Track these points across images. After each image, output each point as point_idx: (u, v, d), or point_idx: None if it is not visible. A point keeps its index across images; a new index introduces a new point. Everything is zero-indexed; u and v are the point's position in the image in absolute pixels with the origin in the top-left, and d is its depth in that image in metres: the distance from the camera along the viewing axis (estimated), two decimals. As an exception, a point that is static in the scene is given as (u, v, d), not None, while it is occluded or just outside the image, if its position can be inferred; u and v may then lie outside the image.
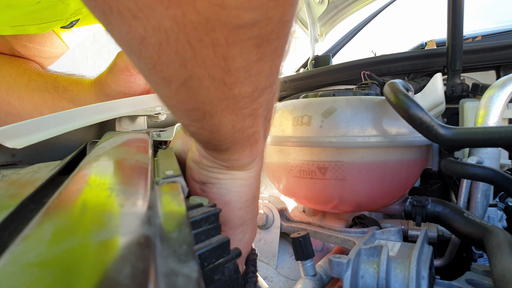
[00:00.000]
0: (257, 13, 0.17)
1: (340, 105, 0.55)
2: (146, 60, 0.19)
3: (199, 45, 0.17)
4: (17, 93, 0.66)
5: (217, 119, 0.23)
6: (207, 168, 0.31)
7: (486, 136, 0.42)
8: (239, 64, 0.19)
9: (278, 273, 0.62)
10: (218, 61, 0.18)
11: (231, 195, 0.31)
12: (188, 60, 0.18)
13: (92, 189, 0.19)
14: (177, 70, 0.19)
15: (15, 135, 0.31)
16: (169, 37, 0.17)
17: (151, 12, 0.16)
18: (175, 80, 0.20)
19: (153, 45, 0.17)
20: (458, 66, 0.81)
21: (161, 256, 0.14)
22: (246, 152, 0.28)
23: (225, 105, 0.22)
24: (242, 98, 0.22)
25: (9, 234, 0.17)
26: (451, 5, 0.80)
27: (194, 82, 0.20)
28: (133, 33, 0.17)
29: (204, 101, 0.21)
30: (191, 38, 0.17)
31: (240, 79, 0.20)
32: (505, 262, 0.35)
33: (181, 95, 0.21)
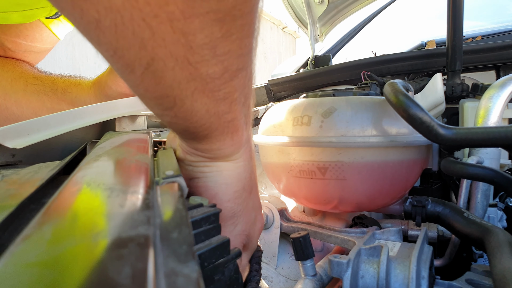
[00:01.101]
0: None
1: (340, 105, 0.55)
2: (106, 47, 0.18)
3: (155, 21, 0.17)
4: (15, 97, 0.65)
5: (189, 103, 0.22)
6: (192, 163, 0.30)
7: (486, 136, 0.42)
8: (201, 40, 0.18)
9: (278, 273, 0.62)
10: (177, 38, 0.18)
11: (218, 187, 0.31)
12: (147, 40, 0.18)
13: (92, 189, 0.19)
14: (138, 53, 0.18)
15: (15, 135, 0.31)
16: (123, 16, 0.16)
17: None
18: (138, 65, 0.19)
19: (109, 27, 0.17)
20: (458, 66, 0.82)
21: (161, 256, 0.14)
22: (227, 140, 0.28)
23: (194, 87, 0.21)
24: (212, 80, 0.21)
25: (9, 234, 0.17)
26: (451, 5, 0.80)
27: (157, 64, 0.19)
28: (87, 16, 0.16)
29: (172, 85, 0.21)
30: (146, 15, 0.16)
31: (205, 57, 0.20)
32: (505, 262, 0.35)
33: (147, 81, 0.20)
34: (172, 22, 0.17)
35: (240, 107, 0.26)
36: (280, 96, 1.15)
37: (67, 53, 3.54)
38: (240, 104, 0.26)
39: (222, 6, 0.17)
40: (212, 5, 0.17)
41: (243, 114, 0.27)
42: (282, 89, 1.13)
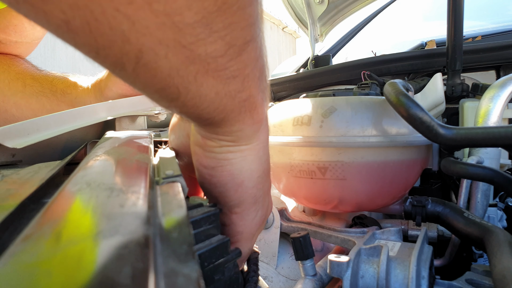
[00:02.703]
0: None
1: (340, 105, 0.55)
2: (86, 48, 0.17)
3: (130, 8, 0.15)
4: (13, 100, 0.65)
5: (194, 89, 0.20)
6: (214, 149, 0.28)
7: (486, 136, 0.42)
8: (191, 19, 0.16)
9: (278, 273, 0.62)
10: (162, 21, 0.16)
11: (244, 174, 0.29)
12: (128, 32, 0.16)
13: (92, 189, 0.19)
14: (123, 48, 0.16)
15: (15, 135, 0.31)
16: (93, 11, 0.15)
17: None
18: (127, 61, 0.17)
19: (81, 27, 0.15)
20: (458, 66, 0.82)
21: (161, 256, 0.14)
22: (246, 119, 0.26)
23: (196, 70, 0.19)
24: (214, 59, 0.19)
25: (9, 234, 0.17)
26: (451, 5, 0.80)
27: (147, 55, 0.17)
28: (53, 19, 0.15)
29: (170, 74, 0.19)
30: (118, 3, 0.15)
31: (200, 36, 0.17)
32: (505, 262, 0.35)
33: (142, 75, 0.19)
34: (150, 5, 0.15)
35: (255, 83, 0.24)
36: (280, 96, 1.15)
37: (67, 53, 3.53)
38: (255, 79, 0.24)
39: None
40: None
41: (260, 89, 0.25)
42: (282, 89, 1.13)
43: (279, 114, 0.60)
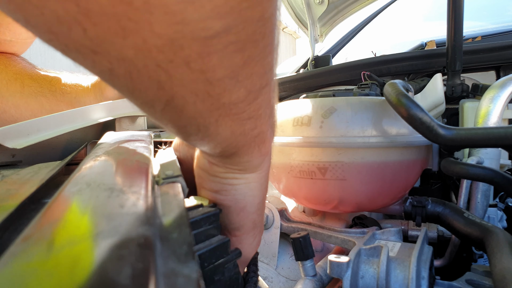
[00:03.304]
0: (229, 18, 0.15)
1: (340, 105, 0.55)
2: (122, 88, 0.18)
3: (170, 66, 0.16)
4: (12, 100, 0.64)
5: (213, 129, 0.22)
6: (219, 174, 0.29)
7: (486, 136, 0.42)
8: (222, 73, 0.18)
9: (278, 274, 0.62)
10: (196, 76, 0.17)
11: (246, 200, 0.30)
12: (164, 82, 0.17)
13: (92, 189, 0.19)
14: (156, 93, 0.18)
15: (15, 135, 0.31)
16: (137, 65, 0.16)
17: (110, 45, 0.15)
18: (157, 103, 0.19)
19: (123, 75, 0.16)
20: (458, 67, 0.82)
21: (161, 256, 0.14)
22: (255, 153, 0.27)
23: (218, 114, 0.21)
24: (235, 105, 0.21)
25: (9, 234, 0.17)
26: (451, 5, 0.80)
27: (177, 101, 0.19)
28: (99, 66, 0.16)
29: (194, 116, 0.20)
30: (160, 61, 0.16)
31: (227, 87, 0.19)
32: (505, 263, 0.35)
33: (168, 115, 0.20)
34: (189, 64, 0.16)
35: (265, 120, 0.25)
36: (280, 96, 1.15)
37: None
38: (266, 117, 0.25)
39: (242, 36, 0.17)
40: (230, 38, 0.16)
41: (269, 125, 0.27)
42: (282, 89, 1.13)
43: (279, 114, 0.59)
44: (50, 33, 0.15)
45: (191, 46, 0.16)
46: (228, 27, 0.16)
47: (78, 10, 0.13)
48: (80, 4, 0.13)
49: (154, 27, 0.14)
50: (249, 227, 0.31)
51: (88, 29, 0.14)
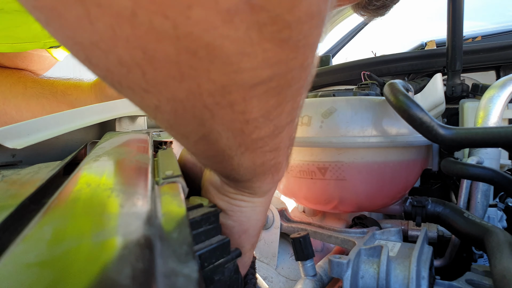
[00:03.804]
0: (275, 68, 0.16)
1: (340, 105, 0.55)
2: (162, 122, 0.19)
3: (216, 107, 0.17)
4: (14, 102, 0.65)
5: (237, 160, 0.23)
6: (229, 194, 0.29)
7: (486, 136, 0.42)
8: (257, 113, 0.19)
9: (278, 274, 0.62)
10: (236, 117, 0.18)
11: (250, 223, 0.31)
12: (206, 120, 0.18)
13: (92, 189, 0.19)
14: (195, 129, 0.19)
15: (15, 135, 0.31)
16: (185, 105, 0.17)
17: (164, 87, 0.15)
18: (193, 136, 0.20)
19: (169, 112, 0.17)
20: (458, 67, 0.82)
21: (161, 256, 0.14)
22: (267, 180, 0.28)
23: (245, 148, 0.22)
24: (261, 140, 0.22)
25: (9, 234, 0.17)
26: (451, 5, 0.80)
27: (213, 136, 0.20)
28: (147, 102, 0.17)
29: (224, 149, 0.21)
30: (208, 103, 0.17)
31: (259, 125, 0.20)
32: (505, 263, 0.35)
33: (200, 146, 0.21)
34: (232, 106, 0.17)
35: (284, 152, 0.26)
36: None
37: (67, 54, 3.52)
38: (285, 149, 0.26)
39: (281, 82, 0.17)
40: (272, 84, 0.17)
41: (286, 156, 0.27)
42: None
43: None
44: (107, 71, 0.15)
45: (239, 91, 0.17)
46: (273, 75, 0.17)
47: (143, 57, 0.14)
48: (147, 52, 0.14)
49: (211, 75, 0.15)
50: (247, 249, 0.32)
51: (147, 73, 0.15)
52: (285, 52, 0.16)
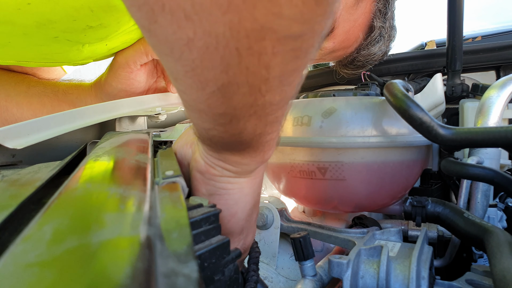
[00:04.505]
0: (306, 25, 0.17)
1: (340, 105, 0.55)
2: (185, 63, 0.19)
3: (246, 52, 0.17)
4: (16, 99, 0.66)
5: (242, 123, 0.23)
6: (214, 177, 0.30)
7: (486, 136, 0.42)
8: (277, 73, 0.19)
9: (278, 274, 0.62)
10: (259, 69, 0.18)
11: (238, 206, 0.31)
12: (231, 66, 0.18)
13: (92, 189, 0.19)
14: (217, 75, 0.19)
15: (15, 136, 0.31)
16: (219, 42, 0.17)
17: (207, 15, 0.15)
18: (211, 85, 0.20)
19: (199, 48, 0.17)
20: (458, 67, 0.82)
21: (161, 256, 0.14)
22: (257, 157, 0.28)
23: (254, 111, 0.22)
24: (270, 105, 0.22)
25: (9, 234, 0.17)
26: (450, 6, 0.80)
27: (231, 87, 0.20)
28: (181, 34, 0.17)
29: (236, 107, 0.21)
30: (241, 45, 0.17)
31: (273, 87, 0.20)
32: (505, 263, 0.35)
33: (214, 100, 0.21)
34: (260, 56, 0.18)
35: (277, 129, 0.26)
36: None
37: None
38: (279, 126, 0.26)
39: (305, 44, 0.18)
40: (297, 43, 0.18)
41: (277, 135, 0.28)
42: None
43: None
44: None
45: (271, 39, 0.17)
46: (301, 33, 0.17)
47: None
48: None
49: (255, 11, 0.15)
50: (237, 233, 0.32)
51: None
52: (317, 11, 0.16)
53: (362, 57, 0.74)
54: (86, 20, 0.48)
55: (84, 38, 0.53)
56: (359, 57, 0.74)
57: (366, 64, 0.76)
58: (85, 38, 0.53)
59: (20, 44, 0.51)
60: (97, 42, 0.55)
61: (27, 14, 0.44)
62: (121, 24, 0.52)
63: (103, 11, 0.47)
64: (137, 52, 0.59)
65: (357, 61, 0.74)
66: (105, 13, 0.48)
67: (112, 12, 0.48)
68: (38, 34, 0.49)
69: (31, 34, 0.49)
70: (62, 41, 0.52)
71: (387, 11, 0.73)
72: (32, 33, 0.48)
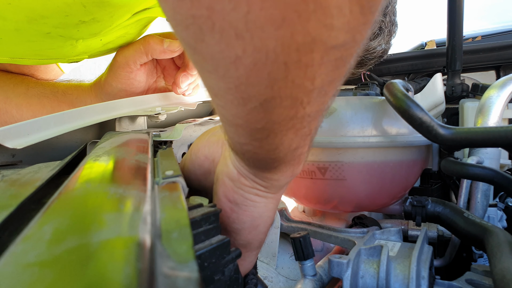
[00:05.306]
0: (349, 34, 0.17)
1: (340, 105, 0.55)
2: (229, 80, 0.18)
3: (294, 65, 0.17)
4: (15, 101, 0.66)
5: (279, 138, 0.22)
6: (244, 187, 0.29)
7: (486, 136, 0.42)
8: (319, 84, 0.19)
9: (278, 273, 0.62)
10: (304, 82, 0.18)
11: (261, 220, 0.30)
12: (277, 80, 0.17)
13: (92, 189, 0.19)
14: (262, 90, 0.18)
15: (15, 135, 0.31)
16: (268, 58, 0.16)
17: (259, 32, 0.15)
18: (254, 101, 0.19)
19: (247, 65, 0.17)
20: (458, 66, 0.82)
21: (161, 256, 0.14)
22: (288, 172, 0.28)
23: (292, 124, 0.21)
24: (308, 117, 0.21)
25: (9, 234, 0.17)
26: (451, 6, 0.80)
27: (274, 102, 0.19)
28: (228, 52, 0.16)
29: (276, 121, 0.21)
30: (290, 59, 0.16)
31: (313, 99, 0.20)
32: (505, 262, 0.35)
33: (254, 115, 0.20)
34: (307, 68, 0.17)
35: (310, 143, 0.26)
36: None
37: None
38: (311, 140, 0.26)
39: (346, 53, 0.18)
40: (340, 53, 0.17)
41: (308, 149, 0.27)
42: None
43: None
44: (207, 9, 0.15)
45: (320, 51, 0.16)
46: (345, 42, 0.17)
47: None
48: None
49: (309, 24, 0.15)
50: (255, 246, 0.31)
51: (251, 12, 0.14)
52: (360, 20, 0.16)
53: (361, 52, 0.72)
54: (79, 15, 0.48)
55: (77, 34, 0.52)
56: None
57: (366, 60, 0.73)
58: (78, 33, 0.52)
59: (13, 40, 0.51)
60: (90, 38, 0.55)
61: (18, 9, 0.44)
62: (115, 18, 0.52)
63: (95, 5, 0.47)
64: (137, 52, 0.59)
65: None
66: (98, 7, 0.47)
67: (105, 7, 0.48)
68: (30, 30, 0.49)
69: (23, 30, 0.49)
70: (55, 37, 0.52)
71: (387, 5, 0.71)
72: (24, 28, 0.48)
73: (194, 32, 0.16)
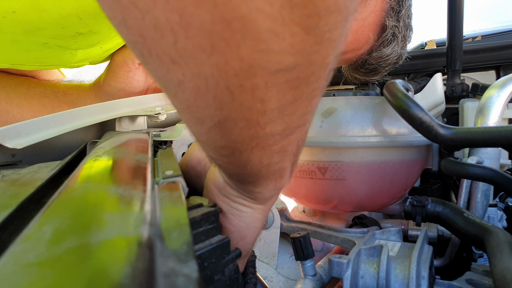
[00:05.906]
0: (298, 56, 0.16)
1: (340, 105, 0.55)
2: (181, 101, 0.19)
3: (238, 90, 0.17)
4: (16, 101, 0.66)
5: (246, 155, 0.23)
6: (230, 196, 0.29)
7: (486, 136, 0.42)
8: (274, 105, 0.19)
9: (278, 273, 0.62)
10: (255, 104, 0.18)
11: (248, 230, 0.30)
12: (225, 104, 0.18)
13: (92, 189, 0.19)
14: (212, 112, 0.19)
15: (15, 135, 0.31)
16: (208, 83, 0.16)
17: (192, 59, 0.15)
18: (208, 121, 0.19)
19: (191, 89, 0.17)
20: (458, 66, 0.81)
21: (161, 256, 0.14)
22: (270, 186, 0.28)
23: (256, 143, 0.22)
24: (273, 136, 0.22)
25: (9, 234, 0.17)
26: (451, 6, 0.80)
27: (228, 123, 0.19)
28: (171, 76, 0.17)
29: (236, 140, 0.21)
30: (231, 84, 0.17)
31: (273, 119, 0.20)
32: (505, 262, 0.35)
33: (213, 134, 0.21)
34: (253, 92, 0.17)
35: (290, 157, 0.26)
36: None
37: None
38: (291, 155, 0.26)
39: (302, 74, 0.18)
40: (293, 74, 0.17)
41: (291, 163, 0.27)
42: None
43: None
44: (140, 36, 0.15)
45: (262, 75, 0.16)
46: (295, 65, 0.17)
47: (179, 22, 0.14)
48: (183, 17, 0.14)
49: (240, 51, 0.15)
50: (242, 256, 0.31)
51: (179, 41, 0.15)
52: (310, 40, 0.16)
53: (374, 59, 0.69)
54: (75, 27, 0.48)
55: (74, 44, 0.53)
56: (371, 59, 0.69)
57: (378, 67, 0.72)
58: (76, 44, 0.52)
59: (11, 49, 0.51)
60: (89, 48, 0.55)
61: (13, 22, 0.44)
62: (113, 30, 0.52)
63: (91, 18, 0.47)
64: None
65: (368, 64, 0.70)
66: (94, 20, 0.47)
67: (102, 19, 0.48)
68: (27, 41, 0.49)
69: (19, 41, 0.49)
70: (52, 47, 0.52)
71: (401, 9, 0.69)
72: (21, 39, 0.48)
73: (138, 55, 0.17)
